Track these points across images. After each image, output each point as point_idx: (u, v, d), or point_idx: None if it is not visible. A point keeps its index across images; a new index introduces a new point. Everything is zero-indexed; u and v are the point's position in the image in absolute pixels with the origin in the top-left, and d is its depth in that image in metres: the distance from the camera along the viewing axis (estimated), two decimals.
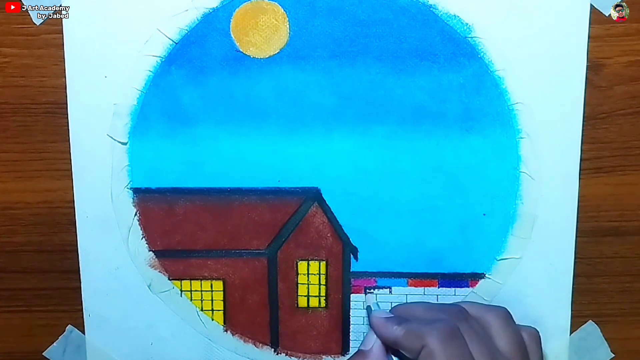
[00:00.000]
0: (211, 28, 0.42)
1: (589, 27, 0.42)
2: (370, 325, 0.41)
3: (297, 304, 0.45)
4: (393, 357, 0.40)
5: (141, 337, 0.46)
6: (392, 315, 0.41)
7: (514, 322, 0.40)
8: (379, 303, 0.44)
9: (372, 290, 0.45)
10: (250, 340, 0.46)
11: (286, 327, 0.46)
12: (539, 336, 0.41)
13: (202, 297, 0.45)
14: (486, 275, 0.44)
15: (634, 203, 0.44)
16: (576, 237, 0.44)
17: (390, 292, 0.45)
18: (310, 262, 0.45)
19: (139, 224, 0.44)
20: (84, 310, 0.45)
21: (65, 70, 0.42)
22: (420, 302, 0.43)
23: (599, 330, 0.45)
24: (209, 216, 0.44)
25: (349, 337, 0.46)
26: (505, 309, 0.40)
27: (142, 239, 0.45)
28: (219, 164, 0.44)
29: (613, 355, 0.46)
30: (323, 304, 0.45)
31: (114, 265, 0.45)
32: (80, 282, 0.45)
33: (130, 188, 0.44)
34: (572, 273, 0.44)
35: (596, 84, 0.43)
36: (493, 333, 0.39)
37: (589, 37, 0.42)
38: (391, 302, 0.45)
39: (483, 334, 0.38)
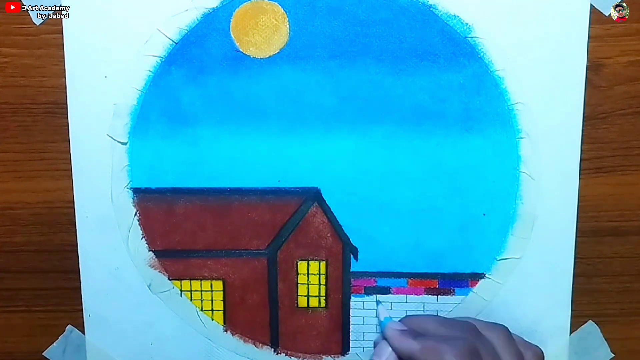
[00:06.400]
0: (211, 28, 0.42)
1: (589, 27, 0.42)
2: (384, 336, 0.40)
3: (297, 304, 0.45)
4: None
5: (141, 337, 0.46)
6: (407, 329, 0.40)
7: (514, 340, 0.40)
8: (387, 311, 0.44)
9: (380, 300, 0.45)
10: (250, 340, 0.46)
11: (286, 327, 0.46)
12: (543, 355, 0.41)
13: (202, 297, 0.45)
14: (486, 275, 0.44)
15: (634, 203, 0.44)
16: (576, 237, 0.44)
17: (390, 292, 0.45)
18: (310, 262, 0.45)
19: (139, 224, 0.44)
20: (84, 310, 0.45)
21: (65, 70, 0.42)
22: (432, 316, 0.42)
23: (599, 330, 0.45)
24: (209, 216, 0.44)
25: (349, 337, 0.46)
26: (505, 326, 0.40)
27: (142, 239, 0.45)
28: (219, 164, 0.44)
29: (613, 355, 0.46)
30: (323, 304, 0.45)
31: (114, 265, 0.45)
32: (80, 282, 0.45)
33: (130, 188, 0.44)
34: (572, 273, 0.44)
35: (596, 84, 0.43)
36: (498, 351, 0.38)
37: (589, 37, 0.42)
38: (391, 303, 0.45)
39: (493, 352, 0.38)
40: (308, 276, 0.45)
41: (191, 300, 0.45)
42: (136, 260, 0.45)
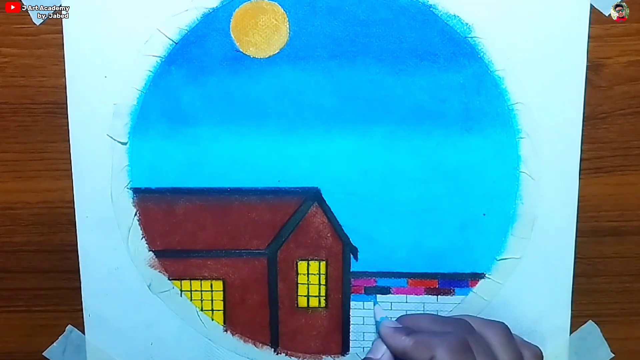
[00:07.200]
0: (211, 28, 0.42)
1: (589, 27, 0.42)
2: (379, 334, 0.41)
3: (297, 304, 0.45)
4: None
5: (141, 337, 0.46)
6: (401, 326, 0.41)
7: (514, 339, 0.40)
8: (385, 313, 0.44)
9: (378, 303, 0.45)
10: (250, 340, 0.46)
11: (286, 327, 0.46)
12: (542, 355, 0.41)
13: (202, 297, 0.45)
14: (486, 275, 0.44)
15: (634, 203, 0.44)
16: (576, 237, 0.44)
17: (390, 292, 0.45)
18: (310, 262, 0.45)
19: (139, 224, 0.44)
20: (84, 310, 0.45)
21: (65, 70, 0.42)
22: (426, 314, 0.43)
23: (599, 330, 0.45)
24: (209, 216, 0.44)
25: (349, 337, 0.46)
26: (505, 324, 0.40)
27: (142, 239, 0.45)
28: (219, 164, 0.44)
29: (613, 355, 0.46)
30: (323, 304, 0.45)
31: (114, 265, 0.45)
32: (80, 282, 0.45)
33: (130, 188, 0.44)
34: (572, 273, 0.44)
35: (596, 84, 0.43)
36: (494, 349, 0.39)
37: (589, 37, 0.42)
38: (391, 303, 0.45)
39: (487, 348, 0.38)
40: (308, 276, 0.45)
41: (191, 300, 0.45)
42: (136, 260, 0.45)
